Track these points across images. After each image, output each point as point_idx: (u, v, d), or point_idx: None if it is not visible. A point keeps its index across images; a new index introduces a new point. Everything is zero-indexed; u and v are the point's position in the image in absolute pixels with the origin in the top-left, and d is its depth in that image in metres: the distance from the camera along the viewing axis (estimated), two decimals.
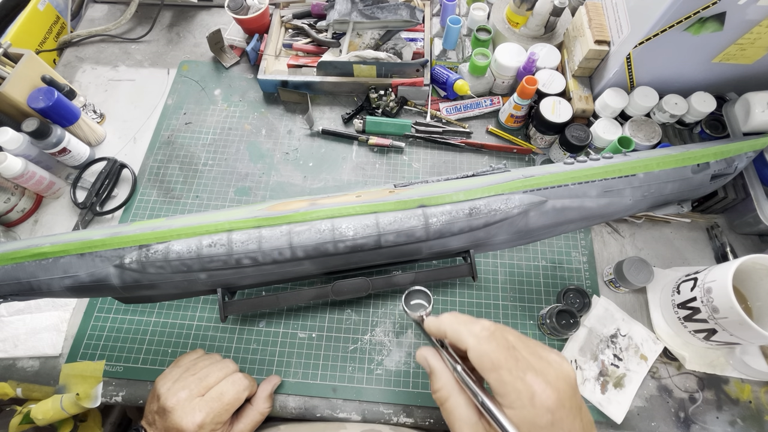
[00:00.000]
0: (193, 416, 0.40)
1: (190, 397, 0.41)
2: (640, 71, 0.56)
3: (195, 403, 0.41)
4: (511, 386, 0.27)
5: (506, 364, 0.28)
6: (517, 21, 0.67)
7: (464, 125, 0.67)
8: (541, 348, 0.31)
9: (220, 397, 0.42)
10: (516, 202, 0.41)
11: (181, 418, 0.39)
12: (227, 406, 0.42)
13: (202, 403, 0.41)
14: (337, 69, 0.67)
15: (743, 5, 0.45)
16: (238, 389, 0.43)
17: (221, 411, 0.41)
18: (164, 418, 0.40)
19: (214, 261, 0.39)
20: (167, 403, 0.40)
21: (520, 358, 0.29)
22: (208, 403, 0.41)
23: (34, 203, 0.61)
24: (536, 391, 0.27)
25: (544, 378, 0.28)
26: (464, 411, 0.30)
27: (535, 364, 0.29)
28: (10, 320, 0.54)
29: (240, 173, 0.64)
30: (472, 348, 0.29)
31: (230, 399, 0.42)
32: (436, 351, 0.34)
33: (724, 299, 0.44)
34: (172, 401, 0.40)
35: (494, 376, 0.28)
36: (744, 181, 0.55)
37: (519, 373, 0.28)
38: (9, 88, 0.56)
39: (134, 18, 0.79)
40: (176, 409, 0.40)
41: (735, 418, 0.50)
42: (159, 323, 0.54)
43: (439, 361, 0.33)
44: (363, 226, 0.39)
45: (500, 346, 0.29)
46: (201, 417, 0.40)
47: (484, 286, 0.56)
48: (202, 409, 0.40)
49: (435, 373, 0.32)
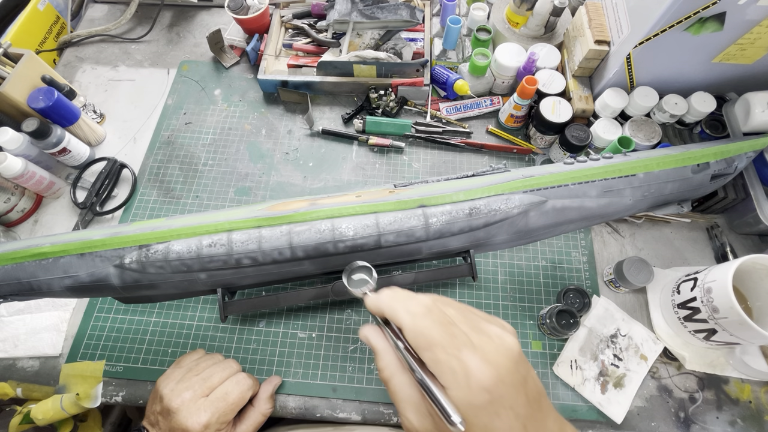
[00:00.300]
0: (198, 416, 0.40)
1: (195, 397, 0.41)
2: (640, 71, 0.56)
3: (200, 403, 0.41)
4: (446, 365, 0.25)
5: (441, 342, 0.26)
6: (517, 21, 0.67)
7: (464, 125, 0.67)
8: (484, 320, 0.29)
9: (225, 397, 0.42)
10: (516, 202, 0.41)
11: (186, 419, 0.39)
12: (232, 405, 0.42)
13: (207, 403, 0.41)
14: (337, 69, 0.67)
15: (743, 5, 0.45)
16: (242, 389, 0.43)
17: (226, 411, 0.41)
18: (169, 419, 0.40)
19: (214, 261, 0.39)
20: (172, 404, 0.40)
21: (458, 334, 0.27)
22: (213, 403, 0.41)
23: (34, 203, 0.61)
24: (471, 369, 0.25)
25: (482, 354, 0.26)
26: (408, 391, 0.28)
27: (474, 339, 0.27)
28: (10, 320, 0.54)
29: (240, 173, 0.64)
30: (407, 326, 0.28)
31: (235, 399, 0.42)
32: (379, 329, 0.32)
33: (724, 299, 0.44)
34: (177, 402, 0.40)
35: (429, 354, 0.26)
36: (744, 181, 0.55)
37: (454, 350, 0.26)
38: (9, 88, 0.56)
39: (134, 18, 0.79)
40: (181, 409, 0.40)
41: (735, 418, 0.50)
42: (159, 323, 0.54)
43: (382, 340, 0.31)
44: (363, 226, 0.39)
45: (436, 322, 0.27)
46: (206, 417, 0.40)
47: (484, 286, 0.56)
48: (207, 410, 0.40)
49: (378, 352, 0.31)
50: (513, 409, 0.25)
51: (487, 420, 0.25)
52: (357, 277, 0.37)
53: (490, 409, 0.25)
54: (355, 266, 0.37)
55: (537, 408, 0.27)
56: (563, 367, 0.51)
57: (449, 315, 0.29)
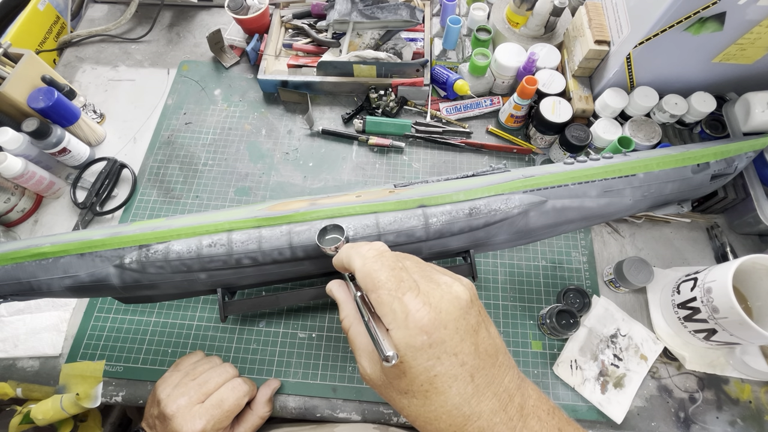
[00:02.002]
0: (193, 424, 0.39)
1: (190, 404, 0.41)
2: (640, 71, 0.56)
3: (195, 410, 0.41)
4: (388, 306, 0.26)
5: (387, 284, 0.26)
6: (517, 21, 0.67)
7: (464, 125, 0.67)
8: (438, 272, 0.30)
9: (221, 404, 0.42)
10: (516, 202, 0.41)
11: (182, 426, 0.39)
12: (227, 412, 0.42)
13: (203, 410, 0.41)
14: (337, 69, 0.67)
15: (743, 5, 0.45)
16: (238, 395, 0.43)
17: (222, 418, 0.41)
18: (165, 425, 0.40)
19: (214, 261, 0.39)
20: (167, 410, 0.40)
21: (405, 279, 0.27)
22: (209, 410, 0.41)
23: (34, 203, 0.61)
24: (410, 310, 0.25)
25: (425, 298, 0.26)
26: (363, 339, 0.29)
27: (422, 285, 0.27)
28: (10, 320, 0.54)
29: (240, 173, 0.64)
30: (358, 268, 0.28)
31: (230, 405, 0.42)
32: (343, 282, 0.33)
33: (724, 299, 0.44)
34: (172, 408, 0.40)
35: (374, 296, 0.27)
36: (744, 181, 0.55)
37: (398, 293, 0.26)
38: (9, 88, 0.56)
39: (134, 18, 0.79)
40: (176, 416, 0.40)
41: (735, 418, 0.50)
42: (159, 323, 0.54)
43: (344, 292, 0.32)
44: (363, 226, 0.39)
45: (386, 266, 0.27)
46: (201, 424, 0.40)
47: (484, 286, 0.56)
48: (202, 417, 0.40)
49: (340, 303, 0.31)
50: (457, 357, 0.25)
51: (427, 363, 0.25)
52: (329, 236, 0.37)
53: (430, 352, 0.25)
54: (328, 226, 0.37)
55: (490, 363, 0.27)
56: (563, 367, 0.51)
57: (404, 264, 0.29)
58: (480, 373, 0.26)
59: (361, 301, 0.28)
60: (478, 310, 0.28)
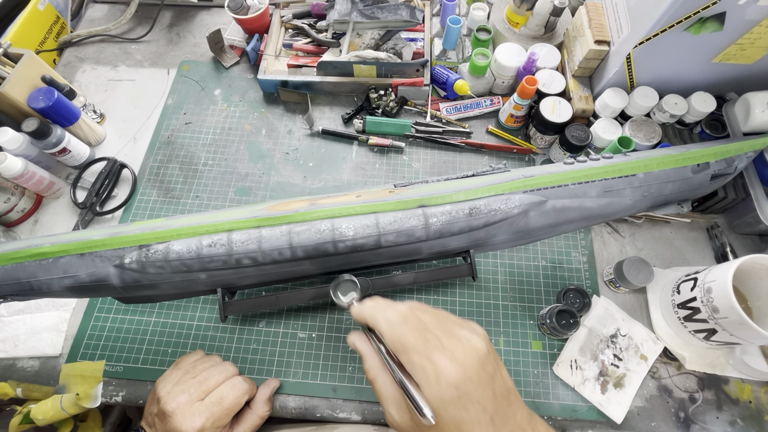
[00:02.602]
0: (192, 421, 0.40)
1: (190, 401, 0.41)
2: (640, 71, 0.56)
3: (195, 407, 0.41)
4: (419, 366, 0.29)
5: (416, 346, 0.29)
6: (517, 21, 0.68)
7: (464, 125, 0.67)
8: (457, 324, 0.32)
9: (220, 401, 0.42)
10: (516, 202, 0.41)
11: (181, 423, 0.39)
12: (227, 410, 0.42)
13: (202, 407, 0.41)
14: (337, 69, 0.67)
15: (743, 5, 0.45)
16: (237, 393, 0.43)
17: (221, 416, 0.41)
18: (164, 422, 0.40)
19: (214, 261, 0.39)
20: (167, 407, 0.40)
21: (431, 339, 0.30)
22: (208, 407, 0.41)
23: (34, 203, 0.61)
24: (441, 369, 0.28)
25: (451, 356, 0.29)
26: (390, 389, 0.31)
27: (445, 342, 0.30)
28: (10, 320, 0.54)
29: (240, 173, 0.64)
30: (386, 333, 0.31)
31: (230, 404, 0.42)
32: (364, 335, 0.35)
33: (724, 299, 0.44)
34: (172, 405, 0.40)
35: (405, 357, 0.29)
36: (744, 181, 0.55)
37: (427, 353, 0.29)
38: (9, 88, 0.56)
39: (134, 18, 0.79)
40: (176, 413, 0.40)
41: (735, 418, 0.50)
42: (159, 323, 0.54)
43: (366, 345, 0.34)
44: (363, 226, 0.39)
45: (411, 328, 0.30)
46: (201, 422, 0.40)
47: (484, 286, 0.56)
48: (201, 414, 0.40)
49: (364, 356, 0.34)
50: (480, 403, 0.28)
51: (456, 413, 0.28)
52: (343, 289, 0.41)
53: (458, 404, 0.28)
54: (340, 280, 0.41)
55: (505, 403, 0.30)
56: (563, 367, 0.51)
57: (425, 321, 0.31)
58: (498, 414, 0.29)
59: (388, 357, 0.32)
60: (493, 358, 0.31)
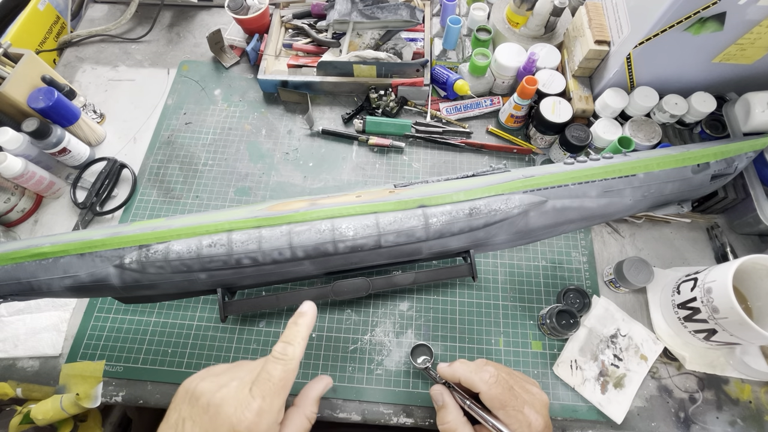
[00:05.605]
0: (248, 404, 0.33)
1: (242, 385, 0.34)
2: (640, 71, 0.56)
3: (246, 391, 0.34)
4: (515, 418, 0.37)
5: (510, 403, 0.37)
6: (517, 21, 0.67)
7: (464, 125, 0.67)
8: (527, 382, 0.41)
9: (269, 377, 0.34)
10: (516, 202, 0.41)
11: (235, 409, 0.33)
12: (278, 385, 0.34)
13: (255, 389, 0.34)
14: (337, 69, 0.67)
15: (743, 5, 0.45)
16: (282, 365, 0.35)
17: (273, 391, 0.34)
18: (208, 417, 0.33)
19: (214, 261, 0.39)
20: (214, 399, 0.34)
21: (518, 396, 0.38)
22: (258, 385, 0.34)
23: (34, 203, 0.61)
24: (531, 420, 0.37)
25: (535, 409, 0.38)
26: None
27: (527, 398, 0.39)
28: (10, 320, 0.54)
29: (240, 173, 0.64)
30: (485, 392, 0.38)
31: (279, 377, 0.35)
32: (447, 389, 0.42)
33: (724, 299, 0.44)
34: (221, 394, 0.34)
35: (503, 413, 0.37)
36: (744, 181, 0.55)
37: (519, 407, 0.37)
38: (9, 88, 0.56)
39: (134, 18, 0.79)
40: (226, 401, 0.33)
41: (735, 418, 0.50)
42: (159, 323, 0.54)
43: (450, 397, 0.41)
44: (363, 226, 0.39)
45: (504, 388, 0.38)
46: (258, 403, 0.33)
47: (484, 286, 0.56)
48: (255, 396, 0.33)
49: (447, 407, 0.40)
50: None
51: None
52: (419, 354, 0.51)
53: None
54: (415, 345, 0.51)
55: None
56: (563, 367, 0.51)
57: (508, 381, 0.39)
58: None
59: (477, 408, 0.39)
60: None
